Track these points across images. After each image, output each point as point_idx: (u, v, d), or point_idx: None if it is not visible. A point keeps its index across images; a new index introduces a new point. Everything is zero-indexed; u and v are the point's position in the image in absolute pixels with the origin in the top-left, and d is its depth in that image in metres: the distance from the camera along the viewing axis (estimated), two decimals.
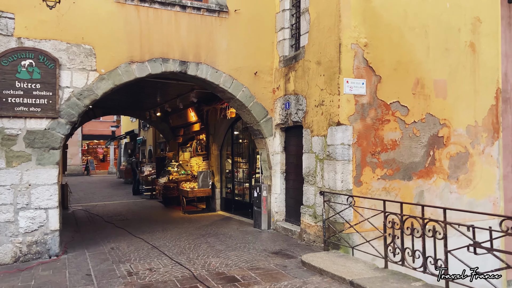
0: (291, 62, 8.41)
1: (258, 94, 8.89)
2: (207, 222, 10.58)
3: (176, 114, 15.11)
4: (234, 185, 11.71)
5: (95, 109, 15.65)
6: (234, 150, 11.80)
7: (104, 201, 16.72)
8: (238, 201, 11.47)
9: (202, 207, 13.22)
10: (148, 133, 22.91)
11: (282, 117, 8.71)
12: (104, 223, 10.99)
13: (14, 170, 6.88)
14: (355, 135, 6.90)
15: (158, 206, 14.49)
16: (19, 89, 6.89)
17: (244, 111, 9.02)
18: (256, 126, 9.05)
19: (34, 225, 6.99)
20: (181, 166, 15.40)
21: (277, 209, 8.98)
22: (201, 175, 12.12)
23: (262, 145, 9.27)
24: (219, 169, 12.47)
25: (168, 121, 16.72)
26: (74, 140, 34.02)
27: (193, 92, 10.59)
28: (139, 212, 12.98)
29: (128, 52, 7.73)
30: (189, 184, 12.67)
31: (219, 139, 12.28)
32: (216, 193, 12.42)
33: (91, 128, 37.45)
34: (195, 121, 13.50)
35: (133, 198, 17.37)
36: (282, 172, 8.99)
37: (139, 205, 14.91)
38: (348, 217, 6.68)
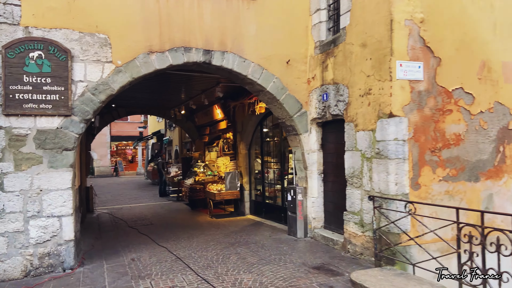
0: (328, 47, 7.39)
1: (290, 86, 7.92)
2: (236, 228, 9.69)
3: (202, 112, 14.33)
4: (264, 187, 10.78)
5: (119, 109, 15.12)
6: (264, 148, 10.86)
7: (130, 203, 16.19)
8: (269, 205, 10.54)
9: (230, 210, 12.37)
10: (174, 133, 22.33)
11: (318, 111, 7.70)
12: (127, 228, 10.31)
13: (24, 174, 6.20)
14: (411, 128, 5.81)
15: (184, 209, 13.76)
16: (27, 84, 6.20)
17: (275, 105, 8.07)
18: (289, 121, 8.08)
19: (46, 235, 6.29)
20: (207, 166, 14.61)
21: (314, 214, 7.98)
22: (229, 176, 11.25)
23: (295, 142, 8.29)
24: (248, 170, 11.57)
25: (193, 120, 15.98)
26: (103, 142, 34.11)
27: (218, 86, 9.71)
28: (164, 216, 12.27)
29: (146, 41, 6.92)
30: (216, 186, 11.83)
31: (247, 137, 11.37)
32: (244, 195, 11.52)
33: (119, 129, 37.54)
34: (221, 118, 12.66)
35: (160, 200, 16.76)
36: (320, 173, 7.98)
37: (165, 208, 14.23)
38: (405, 227, 5.61)
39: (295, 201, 8.11)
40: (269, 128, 10.73)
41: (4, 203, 6.10)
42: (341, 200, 7.22)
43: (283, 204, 9.65)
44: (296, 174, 8.60)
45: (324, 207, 7.97)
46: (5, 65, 6.09)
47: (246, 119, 11.07)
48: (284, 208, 9.58)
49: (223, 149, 13.54)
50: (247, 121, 11.07)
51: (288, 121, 8.10)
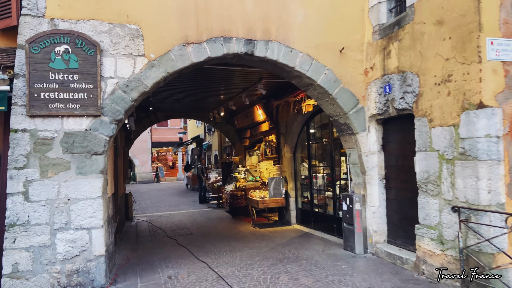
0: (391, 30, 6.31)
1: (345, 78, 6.89)
2: (282, 239, 8.73)
3: (242, 113, 13.53)
4: (312, 194, 9.76)
5: (157, 113, 14.65)
6: (311, 151, 9.84)
7: (169, 210, 15.66)
8: (318, 214, 9.49)
9: (275, 219, 11.43)
10: (213, 138, 21.75)
11: (379, 105, 6.62)
12: (165, 238, 9.62)
13: (50, 182, 5.58)
14: (507, 122, 4.64)
15: (225, 217, 12.97)
16: (53, 81, 5.60)
17: (326, 101, 7.07)
18: (343, 119, 7.05)
19: (75, 250, 5.63)
20: (248, 172, 13.78)
21: (375, 227, 6.87)
22: (273, 182, 10.32)
23: (350, 143, 7.23)
24: (293, 175, 10.59)
25: (233, 123, 15.23)
26: (144, 148, 34.32)
27: (261, 82, 8.82)
28: (204, 224, 11.53)
29: (181, 31, 6.17)
30: (259, 193, 10.94)
31: (292, 139, 10.41)
32: (290, 203, 10.54)
33: (159, 136, 37.76)
34: (263, 119, 11.78)
35: (199, 207, 16.11)
36: (381, 178, 6.87)
37: (205, 215, 13.52)
38: (501, 245, 4.43)
39: (351, 211, 7.04)
40: (317, 129, 9.71)
41: (29, 214, 5.51)
42: (410, 210, 6.09)
43: (335, 213, 8.59)
44: (351, 179, 7.53)
45: (387, 218, 6.85)
46: (30, 61, 5.53)
47: (291, 119, 10.12)
48: (336, 218, 8.52)
49: (265, 153, 12.65)
50: (292, 122, 10.11)
51: (342, 118, 7.07)
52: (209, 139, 22.95)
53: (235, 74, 8.62)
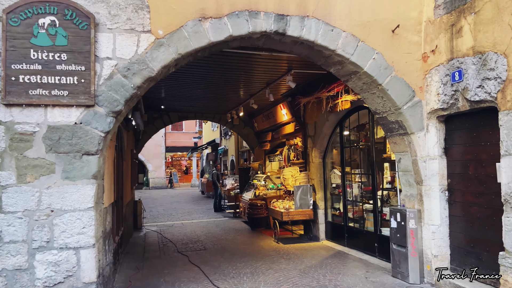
0: (463, 1, 4.96)
1: (398, 64, 5.57)
2: (312, 260, 7.38)
3: (263, 114, 12.27)
4: (346, 206, 8.39)
5: (170, 113, 13.52)
6: (345, 156, 8.50)
7: (182, 219, 14.46)
8: (353, 230, 8.11)
9: (299, 233, 10.08)
10: (230, 142, 20.54)
11: (443, 98, 5.26)
12: (176, 254, 8.39)
13: (29, 188, 4.41)
14: None
15: (242, 228, 11.67)
16: (35, 61, 4.45)
17: (373, 94, 5.75)
18: (394, 115, 5.71)
19: (59, 275, 4.43)
20: (269, 178, 12.47)
21: (435, 250, 5.47)
22: (299, 191, 8.99)
23: (402, 146, 5.88)
24: (322, 183, 9.25)
25: (252, 125, 13.97)
26: (158, 152, 33.37)
27: (290, 74, 7.51)
28: (220, 237, 10.25)
29: (197, 3, 4.96)
30: (282, 203, 9.61)
31: (322, 143, 9.08)
32: (318, 215, 9.18)
33: (174, 140, 36.82)
34: (287, 120, 10.49)
35: (214, 216, 14.86)
36: (443, 190, 5.49)
37: (221, 226, 12.25)
38: None
39: (404, 230, 5.67)
40: (353, 130, 8.37)
41: (2, 229, 4.34)
42: (486, 232, 4.71)
43: (377, 229, 7.21)
44: (401, 190, 6.16)
45: (450, 241, 5.45)
46: (7, 36, 4.39)
47: (321, 119, 8.80)
48: (378, 235, 7.14)
49: (289, 158, 11.33)
50: (322, 122, 8.79)
51: (393, 115, 5.73)
52: (225, 144, 21.76)
53: (259, 63, 7.32)
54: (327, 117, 8.53)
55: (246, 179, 14.57)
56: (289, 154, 11.33)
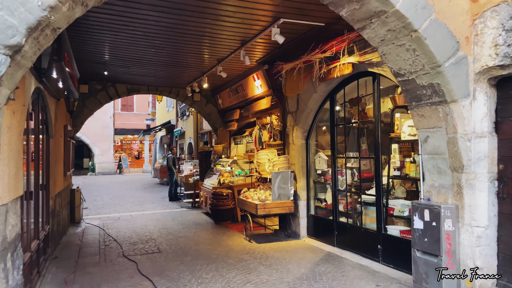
0: None
1: (439, 4, 3.97)
2: (300, 267, 5.79)
3: (229, 88, 10.43)
4: (336, 197, 6.85)
5: (117, 85, 11.29)
6: (336, 137, 6.93)
7: (131, 210, 12.42)
8: (346, 226, 6.59)
9: (274, 228, 8.48)
10: (188, 123, 18.50)
11: (505, 51, 3.76)
12: (121, 259, 6.52)
13: None
14: None
15: (204, 222, 9.89)
16: None
17: (401, 45, 4.13)
18: (429, 76, 4.14)
19: None
20: (236, 163, 10.74)
21: (481, 261, 4.03)
22: (278, 178, 7.34)
23: (434, 119, 4.35)
24: (305, 169, 7.67)
25: (215, 102, 12.08)
26: (106, 135, 30.49)
27: (276, 24, 5.61)
28: (178, 234, 8.42)
29: None
30: (256, 193, 7.92)
31: (306, 120, 7.46)
32: (299, 208, 7.62)
33: (124, 122, 33.93)
34: (262, 94, 8.73)
35: (170, 206, 12.94)
36: (492, 179, 4.04)
37: (178, 219, 10.38)
38: None
39: (436, 233, 4.17)
40: (347, 105, 6.80)
41: None
42: None
43: (381, 228, 5.72)
44: (424, 179, 4.66)
45: (499, 248, 4.03)
46: None
47: (307, 91, 7.15)
48: (381, 235, 5.66)
49: (260, 140, 9.65)
50: (308, 95, 7.14)
51: (426, 76, 4.16)
52: (182, 125, 19.67)
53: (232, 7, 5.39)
54: (315, 88, 6.89)
55: (207, 165, 12.74)
56: (260, 135, 9.63)
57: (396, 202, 5.65)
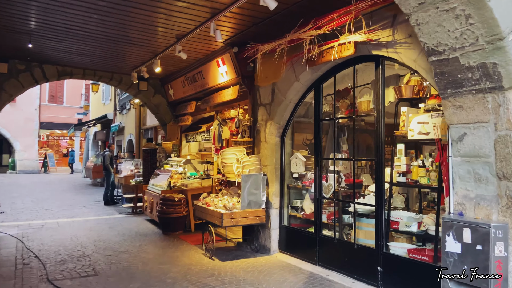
0: None
1: None
2: None
3: (185, 76, 8.99)
4: (320, 206, 5.75)
5: (45, 65, 9.34)
6: (320, 134, 5.85)
7: (59, 216, 10.46)
8: (332, 241, 5.50)
9: (236, 240, 7.22)
10: (128, 117, 16.58)
11: None
12: (43, 286, 4.88)
13: None
14: None
15: (150, 232, 8.35)
16: None
17: (448, 9, 3.13)
18: (482, 54, 3.18)
19: None
20: (190, 164, 9.31)
21: None
22: (249, 182, 6.09)
23: (477, 111, 3.40)
24: (279, 172, 6.52)
25: (165, 92, 10.53)
26: (29, 128, 27.13)
27: None
28: (119, 248, 6.84)
29: None
30: (219, 200, 6.59)
31: (283, 114, 6.32)
32: (271, 217, 6.44)
33: (51, 115, 30.50)
34: (227, 83, 7.40)
35: (106, 212, 11.12)
36: None
37: (117, 228, 8.71)
38: None
39: (483, 258, 3.21)
40: (332, 97, 5.76)
41: None
42: None
43: (380, 245, 4.70)
44: (453, 187, 3.70)
45: None
46: None
47: (285, 79, 6.01)
48: (382, 255, 4.65)
49: (220, 137, 8.33)
50: (288, 83, 6.00)
51: (478, 53, 3.19)
52: (121, 120, 17.66)
53: None
54: (298, 76, 5.77)
55: (152, 164, 11.13)
56: (220, 131, 8.31)
57: (401, 214, 4.68)
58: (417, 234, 4.50)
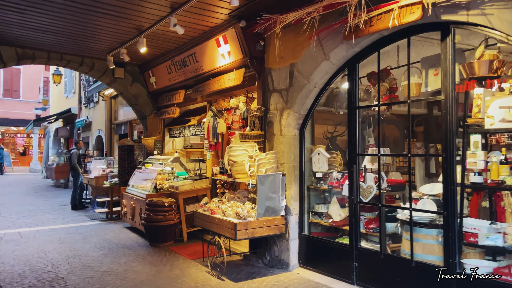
0: None
1: None
2: None
3: (171, 60, 7.70)
4: (357, 212, 4.71)
5: (1, 47, 7.74)
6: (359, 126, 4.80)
7: (20, 224, 8.95)
8: (375, 256, 4.47)
9: (241, 251, 6.08)
10: (96, 111, 14.93)
11: None
12: None
13: None
14: None
15: (135, 243, 7.04)
16: None
17: None
18: None
19: None
20: (179, 162, 8.04)
21: None
22: (267, 184, 4.97)
23: None
24: (298, 171, 5.45)
25: (145, 81, 9.16)
26: None
27: None
28: (101, 268, 5.54)
29: None
30: (229, 206, 5.40)
31: (305, 102, 5.23)
32: (290, 225, 5.36)
33: (6, 110, 27.93)
34: (229, 65, 6.15)
35: (76, 219, 9.66)
36: None
37: (93, 240, 7.33)
38: None
39: None
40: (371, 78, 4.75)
41: None
42: None
43: (453, 264, 3.71)
44: None
45: None
46: None
47: (308, 59, 4.93)
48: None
49: (215, 131, 7.14)
50: (311, 64, 4.93)
51: None
52: (88, 114, 15.95)
53: None
54: (328, 53, 4.70)
55: (130, 163, 9.76)
56: (215, 124, 7.11)
57: (476, 223, 3.73)
58: (499, 248, 3.56)
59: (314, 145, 5.60)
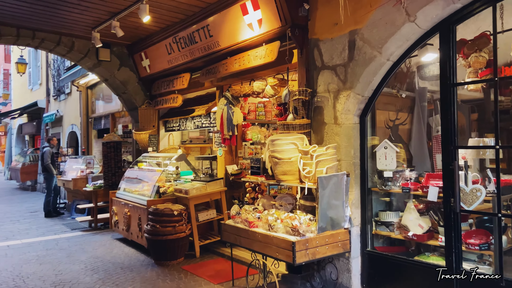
0: None
1: None
2: None
3: (173, 37, 6.29)
4: (457, 223, 3.55)
5: None
6: (455, 107, 3.63)
7: None
8: (487, 283, 3.35)
9: (280, 272, 4.85)
10: (69, 104, 13.17)
11: None
12: None
13: None
14: None
15: (135, 262, 5.63)
16: None
17: None
18: None
19: None
20: (185, 160, 6.66)
21: None
22: (328, 188, 3.75)
23: None
24: (358, 170, 4.26)
25: (135, 65, 7.67)
26: None
27: None
28: None
29: None
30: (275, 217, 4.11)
31: (371, 79, 4.03)
32: (352, 240, 4.16)
33: None
34: (259, 38, 4.83)
35: (52, 229, 8.13)
36: None
37: (81, 258, 5.87)
38: None
39: None
40: (464, 48, 3.62)
41: None
42: None
43: None
44: None
45: None
46: None
47: (380, 22, 3.74)
48: None
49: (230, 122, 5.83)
50: (385, 30, 3.73)
51: None
52: (58, 107, 14.12)
53: None
54: (414, 12, 3.52)
55: (117, 163, 8.29)
56: (230, 114, 5.81)
57: None
58: None
59: (374, 136, 4.43)
